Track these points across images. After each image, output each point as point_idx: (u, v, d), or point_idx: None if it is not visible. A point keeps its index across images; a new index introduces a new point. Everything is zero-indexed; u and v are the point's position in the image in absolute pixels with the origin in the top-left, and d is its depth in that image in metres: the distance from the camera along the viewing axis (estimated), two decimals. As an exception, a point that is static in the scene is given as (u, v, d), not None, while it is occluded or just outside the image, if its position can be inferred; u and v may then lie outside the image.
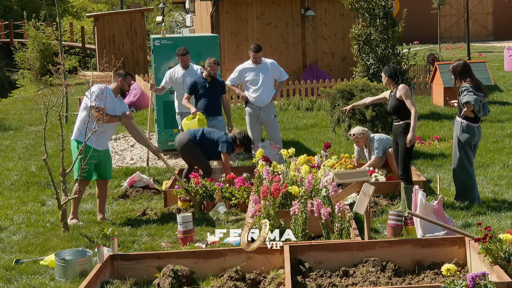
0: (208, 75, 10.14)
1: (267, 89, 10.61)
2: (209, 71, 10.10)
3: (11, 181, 10.73)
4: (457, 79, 8.35)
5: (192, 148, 9.26)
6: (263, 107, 10.60)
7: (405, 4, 21.24)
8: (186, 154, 9.42)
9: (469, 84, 8.20)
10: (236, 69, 10.82)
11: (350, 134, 9.87)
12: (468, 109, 8.14)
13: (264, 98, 10.57)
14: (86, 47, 32.60)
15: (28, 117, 17.55)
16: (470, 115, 8.22)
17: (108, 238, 7.36)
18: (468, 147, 8.30)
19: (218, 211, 8.49)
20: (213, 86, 10.17)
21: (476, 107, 8.11)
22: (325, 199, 6.92)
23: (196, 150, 9.26)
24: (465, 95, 8.12)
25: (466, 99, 8.08)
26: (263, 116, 10.62)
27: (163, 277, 5.88)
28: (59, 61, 9.74)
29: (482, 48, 29.41)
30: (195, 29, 22.25)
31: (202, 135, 9.31)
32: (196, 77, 10.30)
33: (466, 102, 8.08)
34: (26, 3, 44.17)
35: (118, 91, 8.34)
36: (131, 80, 8.52)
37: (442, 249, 6.06)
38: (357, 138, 9.75)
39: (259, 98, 10.54)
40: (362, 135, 9.70)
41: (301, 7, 19.82)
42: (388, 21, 14.25)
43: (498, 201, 8.44)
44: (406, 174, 8.16)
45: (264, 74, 10.57)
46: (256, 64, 10.58)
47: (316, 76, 19.29)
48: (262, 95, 10.56)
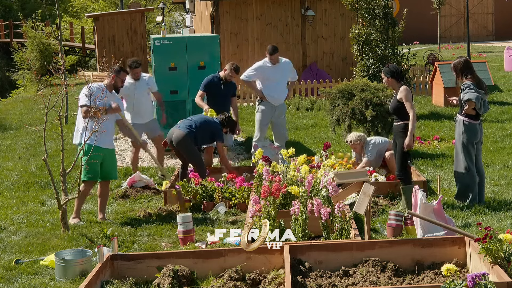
0: (225, 78, 10.18)
1: (283, 88, 10.80)
2: (227, 74, 10.14)
3: (11, 181, 10.73)
4: (458, 76, 8.35)
5: (189, 144, 9.23)
6: (278, 106, 10.69)
7: (405, 4, 21.23)
8: (182, 149, 9.33)
9: (470, 81, 8.21)
10: (254, 66, 10.87)
11: (347, 141, 9.85)
12: (469, 107, 8.14)
13: (281, 98, 10.71)
14: (86, 47, 32.58)
15: (28, 117, 17.54)
16: (472, 113, 8.23)
17: (108, 238, 7.36)
18: (470, 145, 8.30)
19: (218, 211, 8.50)
20: (227, 88, 10.25)
21: (477, 105, 8.11)
22: (325, 199, 6.92)
23: (193, 146, 9.26)
24: (467, 92, 8.12)
25: (468, 97, 8.08)
26: (276, 115, 10.69)
27: (163, 277, 5.88)
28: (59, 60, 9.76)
29: (482, 48, 29.40)
30: (195, 29, 22.27)
31: (196, 125, 9.32)
32: (212, 76, 10.32)
33: (468, 100, 8.08)
34: (26, 3, 44.17)
35: (112, 87, 8.43)
36: (125, 76, 8.59)
37: (442, 249, 6.06)
38: (354, 145, 9.75)
39: (277, 97, 10.65)
40: (358, 141, 9.70)
41: (301, 7, 19.82)
42: (388, 21, 14.24)
43: (498, 201, 8.43)
44: (404, 174, 8.16)
45: (282, 74, 10.71)
46: (274, 64, 10.63)
47: (316, 76, 19.29)
48: (280, 95, 10.70)
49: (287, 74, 10.85)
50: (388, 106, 8.43)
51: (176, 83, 11.77)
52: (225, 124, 9.52)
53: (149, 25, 34.86)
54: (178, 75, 11.78)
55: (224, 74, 10.21)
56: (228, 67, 10.21)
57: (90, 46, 32.42)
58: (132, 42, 20.06)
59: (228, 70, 10.17)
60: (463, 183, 8.37)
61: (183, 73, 11.80)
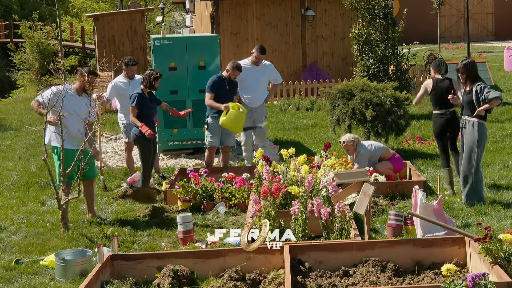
0: (229, 77, 10.15)
1: (261, 91, 10.68)
2: (230, 74, 10.11)
3: (11, 181, 10.73)
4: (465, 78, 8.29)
5: (139, 142, 9.07)
6: (256, 108, 10.62)
7: (405, 4, 21.25)
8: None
9: (482, 82, 8.22)
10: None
11: (340, 141, 9.80)
12: (494, 105, 8.11)
13: (258, 100, 10.62)
14: (86, 47, 32.58)
15: (28, 117, 17.54)
16: (482, 113, 8.18)
17: (108, 238, 7.36)
18: (483, 145, 8.30)
19: (218, 211, 8.50)
20: (231, 88, 10.20)
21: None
22: (325, 199, 6.92)
23: (142, 146, 9.06)
24: (489, 91, 8.08)
25: (494, 95, 8.04)
26: (256, 117, 10.63)
27: (163, 277, 5.87)
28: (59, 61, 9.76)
29: (482, 48, 29.40)
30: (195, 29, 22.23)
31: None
32: (216, 76, 10.26)
33: (495, 98, 8.03)
34: (26, 3, 44.18)
35: (81, 90, 8.31)
36: (93, 79, 8.40)
37: (442, 249, 6.06)
38: (347, 146, 9.68)
39: (253, 99, 10.58)
40: (352, 143, 9.62)
41: (301, 7, 19.82)
42: (388, 21, 14.24)
43: (498, 201, 8.43)
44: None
45: (261, 76, 10.61)
46: (255, 65, 10.58)
47: (316, 76, 19.30)
48: (257, 97, 10.60)
49: (266, 77, 10.75)
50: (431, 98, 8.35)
51: (176, 83, 11.76)
52: (145, 84, 9.09)
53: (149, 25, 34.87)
54: (178, 75, 11.77)
55: (227, 74, 10.18)
56: (229, 66, 10.19)
57: (90, 46, 32.42)
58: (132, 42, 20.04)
59: (230, 69, 10.14)
60: (472, 185, 8.28)
61: (183, 73, 11.80)
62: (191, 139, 12.02)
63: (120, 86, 10.20)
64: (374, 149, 9.63)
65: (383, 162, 9.59)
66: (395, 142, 11.90)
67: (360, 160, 9.51)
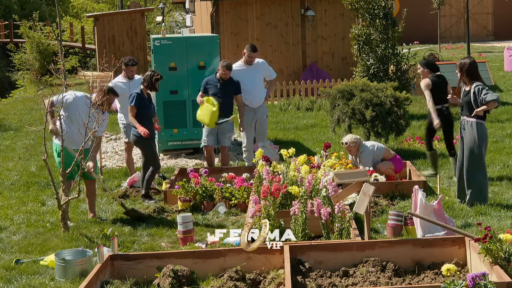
0: (221, 77, 10.16)
1: (260, 90, 10.68)
2: (220, 73, 10.13)
3: (11, 181, 10.74)
4: (465, 77, 8.31)
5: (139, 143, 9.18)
6: (258, 108, 10.63)
7: (405, 4, 21.24)
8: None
9: (480, 83, 8.23)
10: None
11: (342, 142, 9.81)
12: (491, 107, 8.14)
13: (258, 100, 10.61)
14: (86, 47, 32.57)
15: (28, 117, 17.54)
16: (481, 114, 8.19)
17: (108, 238, 7.36)
18: (485, 145, 8.31)
19: (218, 211, 8.50)
20: (224, 87, 10.16)
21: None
22: (325, 199, 6.92)
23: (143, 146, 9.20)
24: (487, 93, 8.09)
25: (491, 97, 8.06)
26: (258, 116, 10.64)
27: (163, 277, 5.88)
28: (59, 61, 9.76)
29: (482, 48, 29.39)
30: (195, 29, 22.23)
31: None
32: (210, 76, 10.34)
33: (493, 100, 8.06)
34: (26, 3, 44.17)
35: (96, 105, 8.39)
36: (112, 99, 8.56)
37: (442, 249, 6.06)
38: (349, 147, 9.68)
39: (254, 100, 10.57)
40: (354, 144, 9.63)
41: (301, 7, 19.82)
42: (388, 21, 14.24)
43: (498, 201, 8.43)
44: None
45: (257, 75, 10.62)
46: (248, 65, 10.58)
47: (316, 76, 19.29)
48: (257, 97, 10.60)
49: (261, 74, 10.75)
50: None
51: (176, 83, 11.75)
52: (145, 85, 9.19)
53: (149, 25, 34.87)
54: (178, 75, 11.77)
55: (219, 74, 10.20)
56: (220, 66, 10.22)
57: (90, 46, 32.42)
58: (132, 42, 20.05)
59: (220, 69, 10.16)
60: (478, 185, 8.25)
61: (183, 73, 11.79)
62: (191, 139, 12.01)
63: (119, 86, 10.21)
64: (376, 149, 9.65)
65: (384, 162, 9.60)
66: (395, 142, 11.89)
67: (364, 161, 9.51)
